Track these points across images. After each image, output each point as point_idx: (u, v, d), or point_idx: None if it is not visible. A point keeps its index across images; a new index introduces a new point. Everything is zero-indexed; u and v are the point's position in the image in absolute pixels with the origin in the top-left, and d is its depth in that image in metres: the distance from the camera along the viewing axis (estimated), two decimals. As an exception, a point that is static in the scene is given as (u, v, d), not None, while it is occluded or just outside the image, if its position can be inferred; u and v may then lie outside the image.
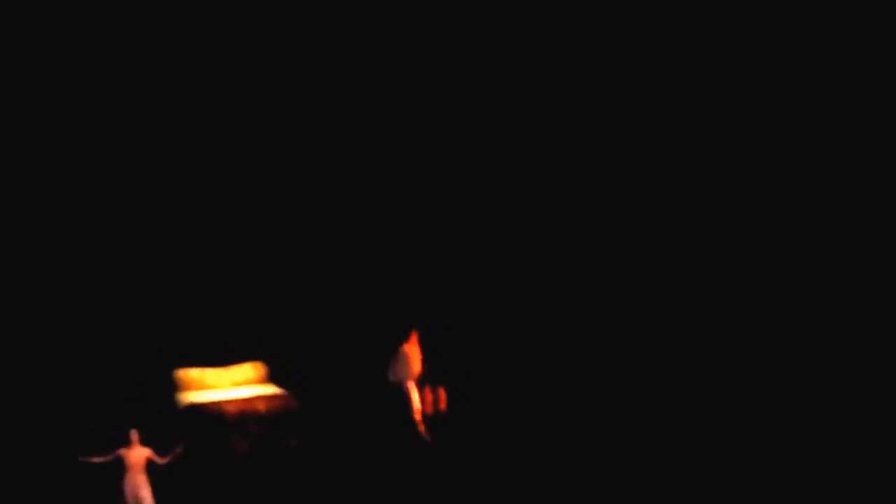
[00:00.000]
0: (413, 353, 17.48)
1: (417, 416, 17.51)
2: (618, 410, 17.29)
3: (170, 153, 18.66)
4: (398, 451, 17.52)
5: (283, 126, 19.05)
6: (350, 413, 17.93)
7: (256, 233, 19.19)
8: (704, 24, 17.83)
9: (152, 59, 18.24)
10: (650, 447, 16.58)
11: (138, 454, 14.68)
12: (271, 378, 17.04)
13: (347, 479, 16.99)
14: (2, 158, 17.73)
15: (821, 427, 15.98)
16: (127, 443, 14.73)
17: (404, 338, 17.67)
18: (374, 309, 19.29)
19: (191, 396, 16.34)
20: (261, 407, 16.11)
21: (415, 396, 17.50)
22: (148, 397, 16.71)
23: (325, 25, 18.67)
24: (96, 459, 14.64)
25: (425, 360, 17.65)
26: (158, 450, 14.98)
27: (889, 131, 16.62)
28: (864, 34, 16.74)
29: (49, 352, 17.60)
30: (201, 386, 16.60)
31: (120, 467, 14.62)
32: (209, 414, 15.92)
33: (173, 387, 16.55)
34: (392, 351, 17.54)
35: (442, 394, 17.93)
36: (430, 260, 19.39)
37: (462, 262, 19.36)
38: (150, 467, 14.71)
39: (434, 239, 19.40)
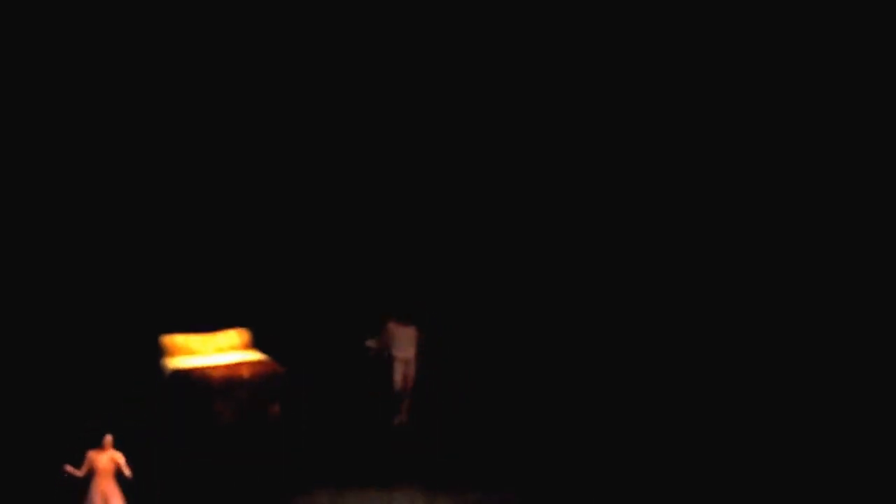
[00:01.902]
0: (409, 332, 17.69)
1: (402, 392, 17.63)
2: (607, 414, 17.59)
3: (157, 121, 18.76)
4: (378, 415, 17.75)
5: (270, 98, 19.14)
6: (332, 378, 18.19)
7: (241, 201, 19.30)
8: (704, 25, 18.03)
9: (138, 29, 18.34)
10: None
11: (109, 459, 13.50)
12: (255, 344, 17.25)
13: (329, 440, 17.26)
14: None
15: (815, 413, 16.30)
16: (99, 445, 13.57)
17: (395, 312, 17.77)
18: (357, 275, 19.47)
19: (176, 362, 16.56)
20: (245, 372, 16.32)
21: (407, 373, 17.63)
22: (133, 363, 16.95)
23: (307, 9, 18.78)
24: (78, 472, 13.41)
25: (421, 342, 17.80)
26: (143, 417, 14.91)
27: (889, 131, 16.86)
28: (863, 34, 16.96)
29: (35, 319, 17.76)
30: (186, 352, 16.78)
31: (89, 471, 13.48)
32: (194, 379, 16.14)
33: (159, 353, 16.74)
34: (386, 326, 17.72)
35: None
36: (416, 231, 19.51)
37: (450, 237, 19.47)
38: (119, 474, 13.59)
39: (421, 211, 19.49)
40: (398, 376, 17.81)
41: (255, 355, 16.86)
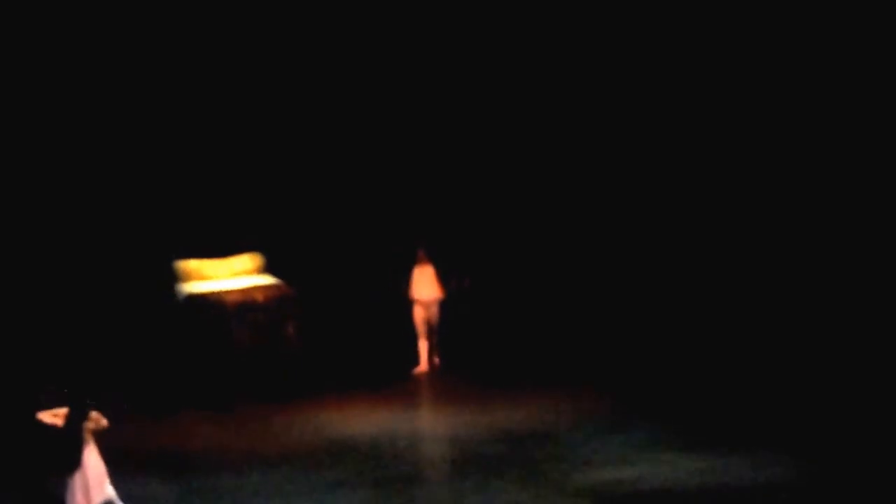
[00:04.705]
0: (428, 272, 17.09)
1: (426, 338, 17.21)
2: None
3: (171, 46, 18.83)
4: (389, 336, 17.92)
5: (287, 27, 19.15)
6: (343, 302, 18.42)
7: (255, 125, 19.39)
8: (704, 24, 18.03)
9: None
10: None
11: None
12: (268, 269, 17.52)
13: (340, 361, 17.58)
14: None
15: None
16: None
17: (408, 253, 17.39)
18: (367, 199, 19.61)
19: (191, 287, 16.87)
20: (258, 296, 16.64)
21: (429, 318, 17.02)
22: (149, 288, 17.27)
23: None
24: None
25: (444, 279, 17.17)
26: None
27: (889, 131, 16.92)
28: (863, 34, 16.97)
29: (50, 243, 17.98)
30: (201, 277, 17.06)
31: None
32: (209, 303, 16.48)
33: (174, 278, 17.04)
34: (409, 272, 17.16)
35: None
36: (425, 156, 19.54)
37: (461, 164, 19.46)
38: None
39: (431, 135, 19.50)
40: (418, 321, 17.02)
41: (268, 279, 17.15)
